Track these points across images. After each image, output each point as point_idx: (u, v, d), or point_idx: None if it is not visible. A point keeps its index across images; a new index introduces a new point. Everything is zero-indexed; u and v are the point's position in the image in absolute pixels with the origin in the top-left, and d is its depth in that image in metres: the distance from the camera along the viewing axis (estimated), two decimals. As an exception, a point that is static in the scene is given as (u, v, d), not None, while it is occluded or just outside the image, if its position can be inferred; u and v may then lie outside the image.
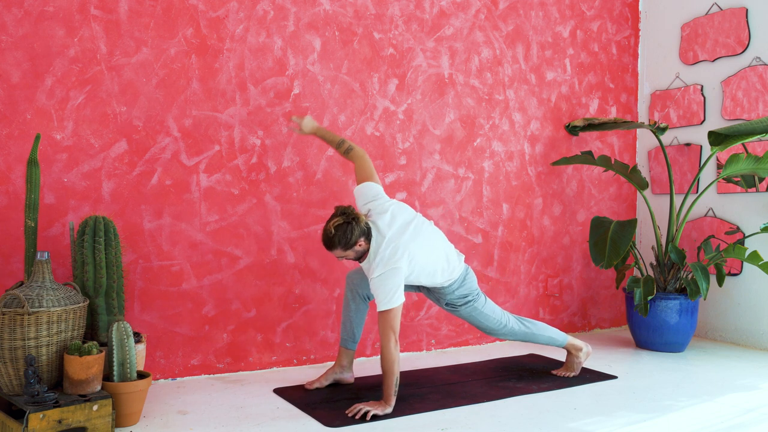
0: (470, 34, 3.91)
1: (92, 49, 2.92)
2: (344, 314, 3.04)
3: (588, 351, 3.27)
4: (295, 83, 3.37)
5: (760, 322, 3.92)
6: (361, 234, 2.67)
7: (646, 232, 4.54)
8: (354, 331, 3.02)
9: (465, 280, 2.95)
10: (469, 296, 2.97)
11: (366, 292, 3.01)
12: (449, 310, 3.03)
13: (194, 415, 2.60)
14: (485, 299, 3.04)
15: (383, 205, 2.82)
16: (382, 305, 2.63)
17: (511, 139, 4.07)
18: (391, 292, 2.63)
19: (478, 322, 3.05)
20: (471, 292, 2.97)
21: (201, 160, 3.16)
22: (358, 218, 2.67)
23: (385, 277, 2.64)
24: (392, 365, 2.61)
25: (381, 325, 2.64)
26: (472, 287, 2.98)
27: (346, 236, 2.64)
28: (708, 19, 4.20)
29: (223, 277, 3.21)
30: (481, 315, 3.02)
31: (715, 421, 2.58)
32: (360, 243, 2.68)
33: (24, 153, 2.80)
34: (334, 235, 2.64)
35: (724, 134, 3.59)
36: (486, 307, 3.02)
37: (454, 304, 2.98)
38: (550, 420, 2.57)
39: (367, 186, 2.88)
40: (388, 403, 2.62)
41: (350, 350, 3.03)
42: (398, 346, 2.64)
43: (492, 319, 3.04)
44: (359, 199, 2.89)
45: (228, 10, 3.20)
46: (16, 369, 2.32)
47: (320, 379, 2.98)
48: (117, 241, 2.69)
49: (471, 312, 3.00)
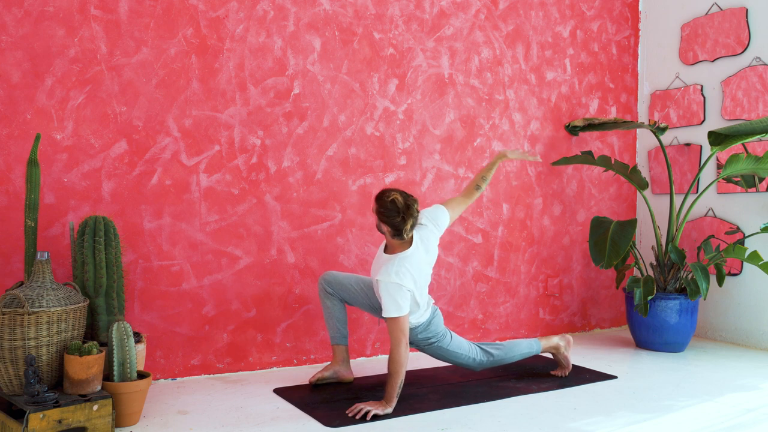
0: (470, 34, 3.91)
1: (92, 49, 2.92)
2: (325, 314, 3.08)
3: (565, 343, 3.25)
4: (295, 83, 3.37)
5: (760, 322, 3.92)
6: (395, 228, 2.70)
7: (646, 232, 4.54)
8: (340, 328, 3.05)
9: (430, 324, 2.94)
10: (432, 338, 2.96)
11: (342, 295, 3.05)
12: (416, 347, 3.01)
13: (194, 415, 2.60)
14: (451, 337, 3.01)
15: (429, 226, 2.87)
16: (388, 313, 2.66)
17: (511, 139, 4.07)
18: (396, 303, 2.65)
19: (446, 359, 3.04)
20: (436, 335, 2.96)
21: (201, 160, 3.16)
22: (412, 216, 2.70)
23: (390, 288, 2.66)
24: (399, 368, 2.62)
25: (391, 329, 2.66)
26: (437, 330, 2.96)
27: (388, 214, 2.69)
28: (708, 19, 4.19)
29: (223, 277, 3.21)
30: (448, 353, 3.00)
31: (715, 421, 2.58)
32: (388, 230, 2.73)
33: (24, 153, 2.80)
34: (412, 203, 2.69)
35: (724, 134, 3.59)
36: (452, 344, 2.99)
37: (418, 344, 2.98)
38: (550, 420, 2.57)
39: (444, 211, 2.95)
40: (389, 404, 2.62)
41: (342, 345, 3.06)
42: (408, 349, 2.66)
43: (460, 356, 3.01)
44: (432, 211, 2.93)
45: (228, 10, 3.20)
46: (16, 369, 2.32)
47: (321, 371, 3.02)
48: (117, 241, 2.69)
49: (436, 351, 3.00)
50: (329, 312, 3.05)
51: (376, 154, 3.61)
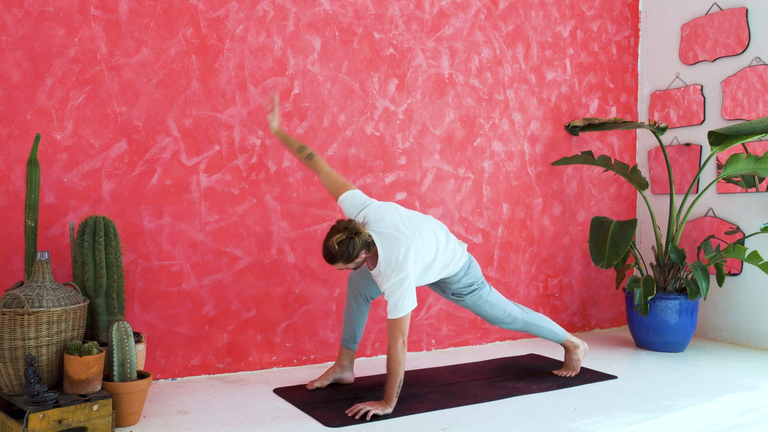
0: (470, 34, 3.91)
1: (92, 49, 2.92)
2: (346, 314, 3.04)
3: (585, 348, 3.29)
4: (295, 83, 3.37)
5: (760, 322, 3.92)
6: (363, 247, 2.63)
7: (646, 232, 4.54)
8: (355, 331, 3.03)
9: (470, 268, 2.98)
10: (474, 284, 2.99)
11: (368, 292, 3.01)
12: (455, 299, 3.04)
13: (194, 415, 2.60)
14: (490, 288, 3.07)
15: (376, 210, 2.77)
16: (393, 313, 2.63)
17: (511, 139, 4.07)
18: (402, 300, 2.62)
19: (483, 311, 3.07)
20: (476, 281, 3.00)
21: (201, 160, 3.16)
22: (360, 232, 2.63)
23: (396, 286, 2.63)
24: (398, 366, 2.62)
25: (390, 328, 2.64)
26: (477, 275, 3.01)
27: (348, 251, 2.60)
28: (708, 19, 4.19)
29: (223, 277, 3.21)
30: (486, 303, 3.04)
31: (715, 421, 2.58)
32: (362, 255, 2.66)
33: (24, 153, 2.80)
34: (337, 251, 2.60)
35: (724, 134, 3.59)
36: (491, 295, 3.06)
37: (460, 293, 3.00)
38: (550, 420, 2.57)
39: (350, 195, 2.83)
40: (389, 404, 2.62)
41: (351, 350, 3.04)
42: (406, 348, 2.65)
43: (497, 308, 3.07)
44: (349, 210, 2.82)
45: (228, 10, 3.20)
46: (16, 369, 2.32)
47: (321, 378, 2.99)
48: (117, 241, 2.69)
49: (476, 301, 3.02)
50: (350, 314, 3.03)
51: (376, 154, 3.61)
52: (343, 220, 2.68)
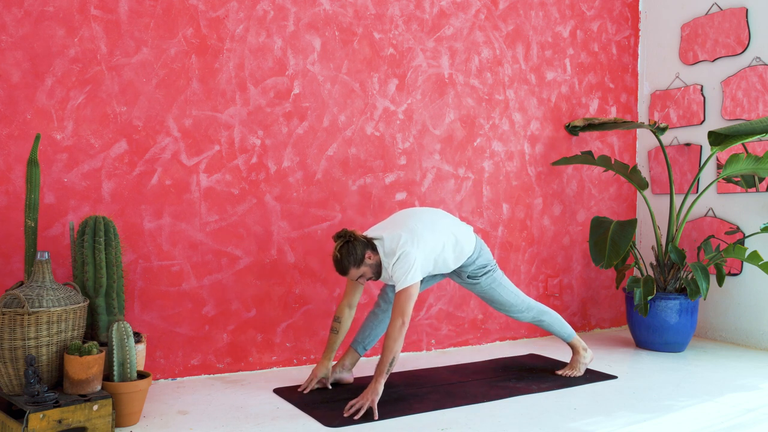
0: (470, 34, 3.91)
1: (92, 49, 2.92)
2: (368, 320, 3.11)
3: (591, 356, 3.31)
4: (295, 83, 3.37)
5: (760, 322, 3.92)
6: (365, 247, 2.76)
7: (646, 232, 4.54)
8: (371, 338, 3.08)
9: (482, 249, 3.04)
10: (488, 266, 3.04)
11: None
12: (470, 283, 3.07)
13: (194, 415, 2.60)
14: (502, 273, 3.13)
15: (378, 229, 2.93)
16: (400, 284, 2.70)
17: (511, 139, 4.07)
18: (408, 273, 2.69)
19: (498, 296, 3.10)
20: (489, 262, 3.06)
21: (201, 160, 3.16)
22: (355, 236, 2.76)
23: (400, 263, 2.71)
24: (393, 343, 2.65)
25: (394, 306, 2.71)
26: (489, 257, 3.06)
27: (351, 254, 2.73)
28: (708, 19, 4.19)
29: (223, 277, 3.21)
30: (501, 287, 3.08)
31: (715, 421, 2.58)
32: (368, 255, 2.77)
33: (24, 153, 2.80)
34: (342, 257, 2.73)
35: (724, 134, 3.59)
36: (504, 279, 3.12)
37: (475, 275, 3.03)
38: (550, 420, 2.57)
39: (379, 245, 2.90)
40: (378, 381, 2.62)
41: (358, 354, 3.08)
42: (404, 329, 2.67)
43: (511, 293, 3.11)
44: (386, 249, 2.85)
45: (228, 10, 3.20)
46: (16, 369, 2.32)
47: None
48: (117, 241, 2.69)
49: (491, 284, 3.06)
50: (374, 320, 3.09)
51: (376, 154, 3.61)
52: (336, 232, 2.82)
